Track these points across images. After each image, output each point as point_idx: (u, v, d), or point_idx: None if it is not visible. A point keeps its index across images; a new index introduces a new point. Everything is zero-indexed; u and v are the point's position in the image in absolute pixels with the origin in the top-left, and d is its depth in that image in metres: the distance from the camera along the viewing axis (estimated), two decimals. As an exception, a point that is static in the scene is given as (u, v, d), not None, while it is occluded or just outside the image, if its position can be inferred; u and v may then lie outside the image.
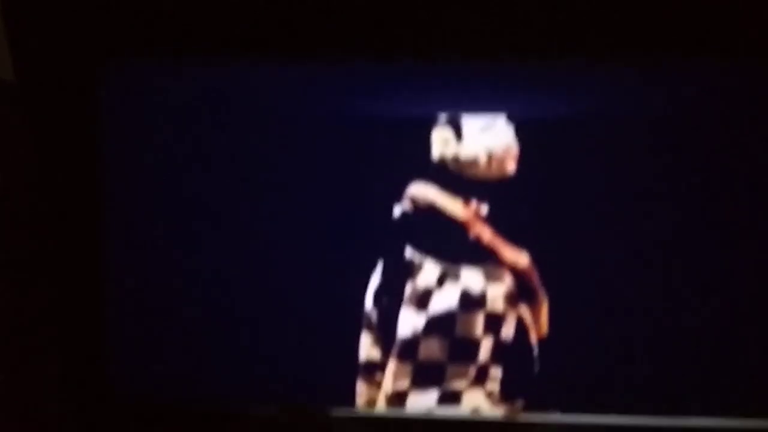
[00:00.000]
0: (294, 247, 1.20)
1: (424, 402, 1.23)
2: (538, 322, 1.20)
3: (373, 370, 1.22)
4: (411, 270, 1.20)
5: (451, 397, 1.22)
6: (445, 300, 1.20)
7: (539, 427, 1.22)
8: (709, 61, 1.14)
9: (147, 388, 1.25)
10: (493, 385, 1.22)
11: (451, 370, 1.22)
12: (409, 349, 1.21)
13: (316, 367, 1.22)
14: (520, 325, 1.21)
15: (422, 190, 1.19)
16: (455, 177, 1.18)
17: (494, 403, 1.22)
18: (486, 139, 1.17)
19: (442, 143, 1.18)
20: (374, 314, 1.21)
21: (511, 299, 1.20)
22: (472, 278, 1.20)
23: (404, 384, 1.22)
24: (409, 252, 1.20)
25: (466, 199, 1.18)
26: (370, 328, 1.22)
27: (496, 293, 1.20)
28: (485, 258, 1.19)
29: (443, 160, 1.18)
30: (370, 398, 1.23)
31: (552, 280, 1.19)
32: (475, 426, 1.23)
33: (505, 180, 1.17)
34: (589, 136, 1.15)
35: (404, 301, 1.21)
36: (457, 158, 1.18)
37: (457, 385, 1.22)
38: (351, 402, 1.23)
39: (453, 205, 1.19)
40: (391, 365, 1.22)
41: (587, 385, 1.20)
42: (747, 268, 1.16)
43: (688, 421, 1.20)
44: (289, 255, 1.20)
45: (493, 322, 1.21)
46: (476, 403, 1.22)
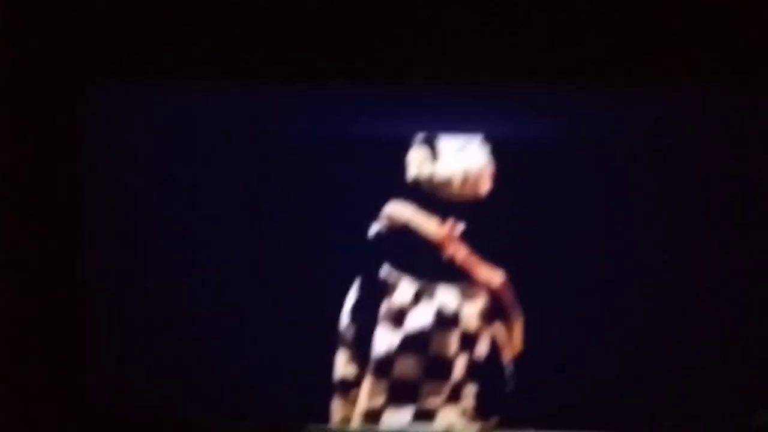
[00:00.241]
0: (271, 264, 1.21)
1: (398, 419, 1.24)
2: (513, 339, 1.22)
3: (349, 387, 1.23)
4: (387, 288, 1.22)
5: (426, 415, 1.23)
6: (421, 318, 1.22)
7: (513, 444, 1.23)
8: (679, 85, 1.17)
9: (126, 403, 1.25)
10: (468, 403, 1.23)
11: (426, 387, 1.23)
12: (384, 367, 1.23)
13: (292, 384, 1.23)
14: (495, 343, 1.22)
15: (399, 209, 1.20)
16: (431, 196, 1.20)
17: (468, 420, 1.23)
18: (461, 159, 1.19)
19: (418, 163, 1.19)
20: (350, 332, 1.22)
21: (486, 317, 1.22)
22: (447, 296, 1.22)
23: (379, 401, 1.23)
24: (385, 270, 1.22)
25: (442, 219, 1.20)
26: (346, 346, 1.23)
27: (471, 311, 1.22)
28: (460, 276, 1.21)
29: (419, 179, 1.20)
30: (346, 415, 1.24)
31: (526, 298, 1.21)
32: (449, 443, 1.24)
33: (480, 200, 1.19)
34: (563, 158, 1.18)
35: (380, 319, 1.22)
36: (433, 178, 1.20)
37: (432, 402, 1.23)
38: (326, 418, 1.24)
39: (429, 224, 1.20)
40: (367, 382, 1.23)
41: (560, 403, 1.22)
42: (718, 290, 1.18)
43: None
44: (266, 272, 1.21)
45: (468, 340, 1.22)
46: (451, 420, 1.23)
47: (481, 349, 1.22)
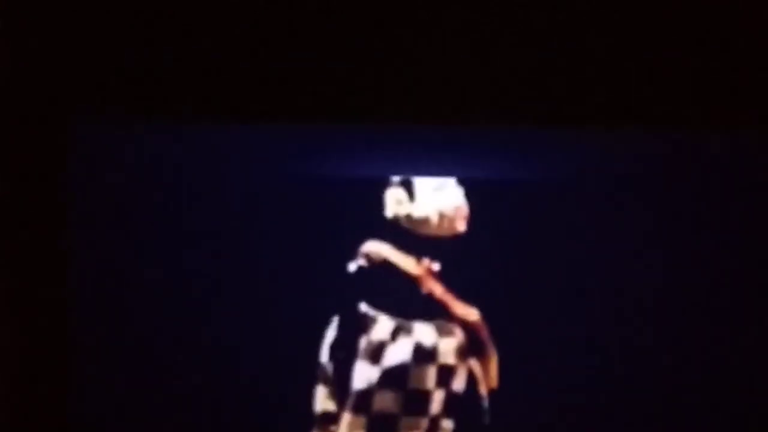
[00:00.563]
0: (251, 302, 1.24)
1: (377, 453, 1.26)
2: (488, 375, 1.24)
3: (328, 421, 1.25)
4: (365, 324, 1.24)
5: (404, 449, 1.26)
6: (399, 354, 1.24)
7: (489, 478, 1.25)
8: (649, 128, 1.20)
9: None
10: (445, 437, 1.25)
11: (404, 421, 1.25)
12: (363, 402, 1.25)
13: (272, 419, 1.25)
14: (471, 378, 1.25)
15: (376, 248, 1.23)
16: (408, 235, 1.23)
17: (446, 455, 1.26)
18: (438, 199, 1.22)
19: (395, 203, 1.23)
20: (329, 367, 1.25)
21: (462, 353, 1.24)
22: (424, 333, 1.24)
23: (358, 436, 1.26)
24: (364, 307, 1.24)
25: (419, 257, 1.23)
26: (325, 381, 1.25)
27: (448, 347, 1.24)
28: (437, 313, 1.24)
29: (397, 219, 1.23)
30: (325, 450, 1.26)
31: (502, 335, 1.23)
32: (427, 477, 1.26)
33: (457, 238, 1.22)
34: (537, 198, 1.21)
35: (358, 355, 1.25)
36: (410, 217, 1.23)
37: (410, 436, 1.26)
38: (306, 453, 1.26)
39: (406, 262, 1.23)
40: (346, 417, 1.25)
41: (535, 437, 1.25)
42: (690, 330, 1.21)
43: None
44: (246, 310, 1.24)
45: (445, 375, 1.25)
46: (428, 454, 1.26)
47: (458, 384, 1.25)
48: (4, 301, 1.25)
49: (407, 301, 1.24)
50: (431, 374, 1.25)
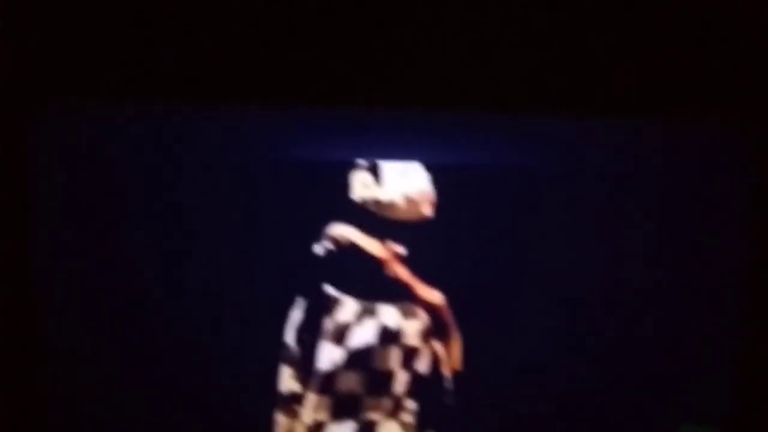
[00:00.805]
0: (217, 283, 1.24)
1: (341, 433, 1.28)
2: (452, 357, 1.26)
3: (292, 402, 1.27)
4: (330, 306, 1.25)
5: (368, 429, 1.27)
6: (363, 335, 1.26)
7: (451, 458, 1.28)
8: (617, 118, 1.22)
9: (72, 421, 1.27)
10: (408, 417, 1.27)
11: (368, 402, 1.27)
12: (327, 382, 1.26)
13: (236, 399, 1.26)
14: (434, 360, 1.27)
15: (342, 231, 1.24)
16: (374, 219, 1.24)
17: (408, 435, 1.28)
18: (404, 184, 1.23)
19: (362, 187, 1.23)
20: (294, 349, 1.26)
21: (426, 335, 1.26)
22: (389, 315, 1.26)
23: (323, 415, 1.27)
24: (329, 289, 1.25)
25: (385, 240, 1.24)
26: (290, 362, 1.26)
27: (412, 329, 1.26)
28: (401, 296, 1.25)
29: (363, 202, 1.23)
30: (289, 429, 1.27)
31: (465, 317, 1.25)
32: (390, 456, 1.29)
33: (422, 222, 1.24)
34: (500, 184, 1.23)
35: (323, 336, 1.26)
36: (376, 201, 1.23)
37: (374, 416, 1.27)
38: (270, 433, 1.28)
39: (372, 246, 1.24)
40: (310, 397, 1.27)
41: (496, 418, 1.27)
42: (647, 313, 1.24)
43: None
44: (212, 291, 1.24)
45: (409, 357, 1.26)
46: (391, 434, 1.28)
47: (422, 366, 1.27)
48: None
49: (372, 284, 1.25)
50: (395, 356, 1.26)
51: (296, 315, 1.25)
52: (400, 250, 1.24)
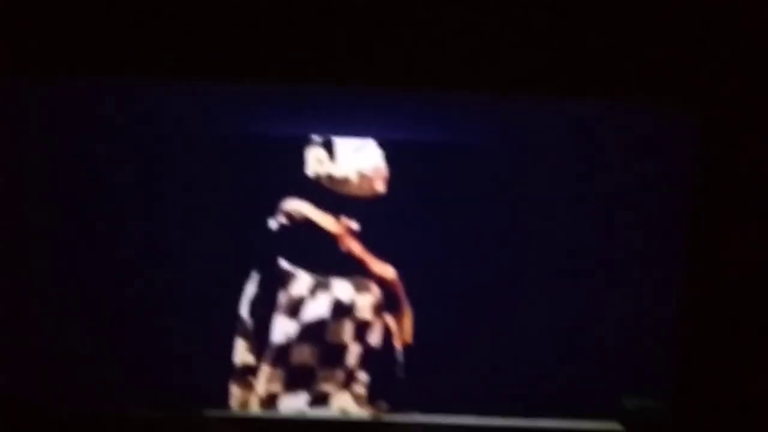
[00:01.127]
0: (172, 257, 1.25)
1: (295, 404, 1.30)
2: (403, 330, 1.30)
3: (247, 374, 1.29)
4: (284, 280, 1.28)
5: (321, 399, 1.30)
6: (317, 309, 1.28)
7: (401, 427, 1.31)
8: (569, 99, 1.26)
9: (27, 391, 1.28)
10: (360, 388, 1.31)
11: (321, 374, 1.30)
12: (281, 355, 1.29)
13: (192, 372, 1.28)
14: (386, 333, 1.30)
15: (297, 206, 1.26)
16: (328, 194, 1.26)
17: (361, 405, 1.31)
18: (358, 160, 1.26)
19: (316, 162, 1.25)
20: (248, 322, 1.28)
21: (378, 309, 1.29)
22: (342, 289, 1.28)
23: (276, 387, 1.30)
24: (283, 263, 1.27)
25: (338, 216, 1.26)
26: (245, 335, 1.28)
27: (364, 303, 1.29)
28: (354, 270, 1.28)
29: (317, 178, 1.26)
30: (244, 400, 1.30)
31: (416, 292, 1.28)
32: (342, 426, 1.31)
33: (375, 198, 1.26)
34: (451, 161, 1.25)
35: (277, 310, 1.28)
36: (330, 177, 1.26)
37: (327, 388, 1.30)
38: (225, 404, 1.29)
39: (325, 221, 1.26)
40: (265, 369, 1.29)
41: (446, 389, 1.30)
42: (591, 286, 1.28)
43: (536, 423, 1.32)
44: (167, 265, 1.25)
45: (361, 330, 1.29)
46: (344, 404, 1.31)
47: (374, 338, 1.30)
48: None
49: (326, 258, 1.27)
50: (348, 329, 1.29)
51: (251, 288, 1.28)
52: (354, 225, 1.26)
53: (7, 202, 1.24)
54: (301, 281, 1.28)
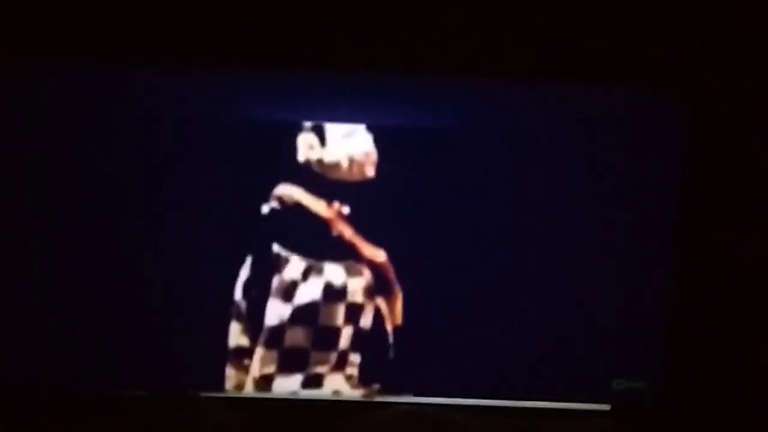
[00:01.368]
0: (168, 241, 1.28)
1: (289, 385, 1.33)
2: (394, 313, 1.32)
3: (242, 356, 1.32)
4: (278, 264, 1.30)
5: (314, 381, 1.33)
6: (310, 292, 1.31)
7: (393, 407, 1.33)
8: (559, 82, 1.27)
9: (20, 373, 1.31)
10: (352, 370, 1.33)
11: (314, 356, 1.32)
12: (275, 337, 1.31)
13: (188, 354, 1.31)
14: (378, 316, 1.32)
15: (289, 191, 1.28)
16: (319, 179, 1.28)
17: (353, 386, 1.33)
18: (348, 145, 1.27)
19: (307, 148, 1.27)
20: (243, 305, 1.31)
21: (370, 292, 1.31)
22: (334, 273, 1.31)
23: (270, 369, 1.32)
24: (276, 248, 1.30)
25: (329, 200, 1.28)
26: (239, 318, 1.31)
27: (356, 286, 1.31)
28: (346, 254, 1.30)
29: (308, 163, 1.28)
30: (239, 382, 1.32)
31: (406, 275, 1.30)
32: (335, 406, 1.34)
33: (366, 183, 1.28)
34: (442, 145, 1.27)
35: (271, 293, 1.31)
36: (321, 162, 1.28)
37: (320, 369, 1.33)
38: (220, 385, 1.32)
39: (317, 206, 1.29)
40: (259, 352, 1.32)
41: (437, 371, 1.33)
42: (580, 271, 1.30)
43: (525, 404, 1.34)
44: (163, 249, 1.28)
45: (353, 313, 1.32)
46: (337, 386, 1.33)
47: (365, 321, 1.32)
48: None
49: (318, 243, 1.29)
50: (340, 312, 1.32)
51: (245, 273, 1.30)
52: (345, 209, 1.28)
53: None
54: (294, 265, 1.30)
